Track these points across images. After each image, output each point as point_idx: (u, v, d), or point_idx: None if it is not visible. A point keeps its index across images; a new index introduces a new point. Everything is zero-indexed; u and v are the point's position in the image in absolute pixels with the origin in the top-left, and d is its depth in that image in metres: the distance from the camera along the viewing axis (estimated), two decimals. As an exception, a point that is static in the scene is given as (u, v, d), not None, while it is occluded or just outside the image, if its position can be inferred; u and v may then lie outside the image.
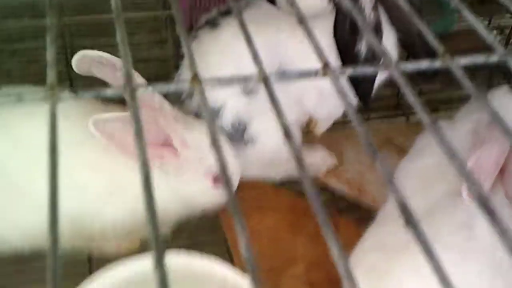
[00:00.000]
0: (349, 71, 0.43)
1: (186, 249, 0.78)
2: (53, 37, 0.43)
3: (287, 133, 0.37)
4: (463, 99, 1.36)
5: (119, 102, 0.86)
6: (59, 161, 0.36)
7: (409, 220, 0.32)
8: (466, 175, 0.36)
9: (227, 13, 1.08)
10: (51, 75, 0.40)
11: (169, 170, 0.90)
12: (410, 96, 0.40)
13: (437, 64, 0.43)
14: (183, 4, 1.28)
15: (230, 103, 1.04)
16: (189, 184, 0.92)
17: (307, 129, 1.25)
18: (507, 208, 0.88)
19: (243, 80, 0.42)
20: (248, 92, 1.04)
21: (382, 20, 1.01)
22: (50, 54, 0.42)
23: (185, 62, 1.08)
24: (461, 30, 1.58)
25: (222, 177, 0.34)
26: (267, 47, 1.01)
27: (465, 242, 0.82)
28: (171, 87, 0.41)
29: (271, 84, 0.41)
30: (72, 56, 0.87)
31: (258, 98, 1.04)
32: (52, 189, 0.34)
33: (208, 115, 0.39)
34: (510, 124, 0.39)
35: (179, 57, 1.15)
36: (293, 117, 1.10)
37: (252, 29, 1.04)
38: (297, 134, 1.15)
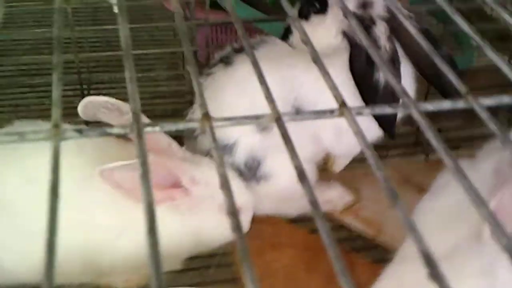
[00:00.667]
0: (367, 111, 0.41)
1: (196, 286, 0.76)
2: (59, 75, 0.42)
3: (300, 174, 0.35)
4: (485, 137, 1.33)
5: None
6: (59, 202, 0.34)
7: (434, 272, 0.29)
8: (489, 217, 0.34)
9: (241, 50, 1.07)
10: (55, 113, 0.39)
11: (183, 208, 0.89)
12: (430, 136, 0.38)
13: (460, 104, 0.41)
14: (199, 40, 1.29)
15: (244, 140, 1.03)
16: (203, 219, 0.91)
17: (325, 166, 1.23)
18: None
19: (254, 120, 0.40)
20: (262, 129, 1.02)
21: (398, 51, 1.00)
22: (55, 93, 0.40)
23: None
24: (480, 66, 1.56)
25: (231, 216, 0.32)
26: (282, 84, 1.00)
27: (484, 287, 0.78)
28: (180, 126, 0.39)
29: (284, 123, 0.39)
30: (89, 92, 0.87)
31: (272, 134, 1.02)
32: (50, 234, 0.32)
33: (218, 155, 0.38)
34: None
35: (192, 92, 1.15)
36: (308, 154, 1.08)
37: (265, 66, 1.02)
38: (312, 172, 1.12)
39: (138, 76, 1.19)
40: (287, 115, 0.39)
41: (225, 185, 0.36)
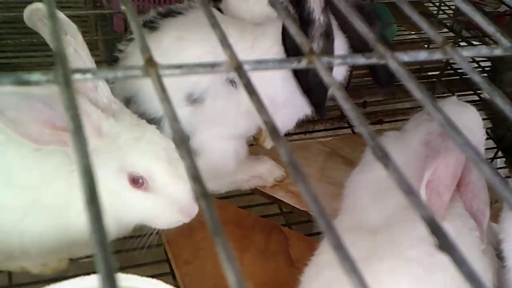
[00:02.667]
0: (337, 61, 0.35)
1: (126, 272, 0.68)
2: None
3: (273, 130, 0.29)
4: (407, 111, 1.35)
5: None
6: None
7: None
8: (414, 200, 0.29)
9: (167, 15, 0.98)
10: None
11: (69, 152, 0.76)
12: (348, 109, 0.33)
13: (437, 55, 0.37)
14: (116, 6, 1.17)
15: None
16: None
17: (256, 142, 1.18)
18: (466, 219, 0.84)
19: (209, 68, 0.33)
20: (192, 101, 0.94)
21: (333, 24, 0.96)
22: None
23: (129, 50, 0.96)
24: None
25: (195, 182, 0.25)
26: (213, 53, 0.92)
27: (428, 257, 0.77)
28: (118, 73, 0.32)
29: (246, 72, 0.33)
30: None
31: (203, 108, 0.95)
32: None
33: (168, 109, 0.31)
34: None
35: (110, 58, 1.03)
36: (242, 130, 1.02)
37: (196, 35, 0.95)
38: (243, 147, 1.07)
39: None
40: (248, 63, 0.33)
41: (180, 141, 0.29)
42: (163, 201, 0.78)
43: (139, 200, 0.77)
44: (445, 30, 1.52)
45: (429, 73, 1.51)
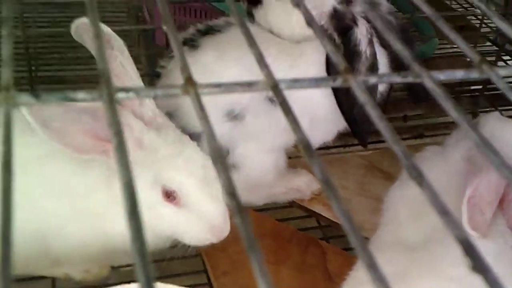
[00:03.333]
0: (373, 79, 0.36)
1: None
2: (10, 30, 0.35)
3: (306, 147, 0.29)
4: (448, 126, 1.33)
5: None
6: (13, 179, 0.27)
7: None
8: (449, 220, 0.29)
9: (206, 32, 1.00)
10: (6, 73, 0.32)
11: (110, 163, 0.78)
12: (384, 129, 0.33)
13: (474, 74, 0.37)
14: (158, 17, 1.20)
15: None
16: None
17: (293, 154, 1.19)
18: (509, 237, 0.82)
19: (246, 87, 0.34)
20: (233, 118, 0.96)
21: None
22: (6, 50, 0.33)
23: (171, 67, 0.99)
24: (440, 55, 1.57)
25: (231, 198, 0.26)
26: (252, 72, 0.93)
27: (467, 276, 0.75)
28: (158, 91, 0.33)
29: (281, 91, 0.34)
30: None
31: (244, 124, 0.96)
32: (4, 220, 0.26)
33: (205, 124, 0.32)
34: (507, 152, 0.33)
35: (152, 74, 1.06)
36: (281, 143, 1.03)
37: (234, 52, 0.95)
38: (282, 160, 1.08)
39: (88, 55, 1.09)
40: (284, 82, 0.34)
41: (218, 160, 0.30)
42: (194, 218, 0.79)
43: (170, 214, 0.79)
44: (488, 43, 1.49)
45: (472, 87, 1.48)
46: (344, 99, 0.93)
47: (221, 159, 0.29)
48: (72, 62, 1.29)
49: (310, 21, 0.38)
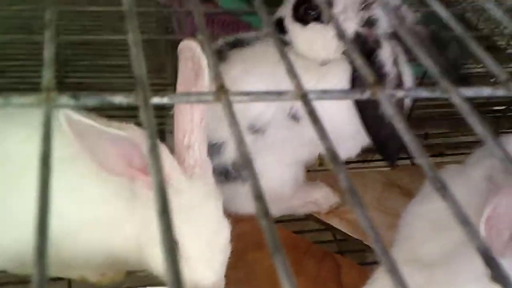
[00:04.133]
0: (401, 93, 0.36)
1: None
2: (52, 34, 0.36)
3: (333, 156, 0.30)
4: (470, 145, 1.32)
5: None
6: (51, 175, 0.28)
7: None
8: (470, 230, 0.29)
9: (235, 45, 1.00)
10: (47, 75, 0.33)
11: (139, 197, 0.79)
12: (410, 142, 0.34)
13: (500, 92, 0.37)
14: (187, 28, 1.22)
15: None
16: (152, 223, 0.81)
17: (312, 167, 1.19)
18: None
19: (276, 96, 0.35)
20: (255, 131, 0.97)
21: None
22: (48, 52, 0.35)
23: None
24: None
25: (257, 201, 0.27)
26: (279, 87, 0.93)
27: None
28: (192, 98, 0.34)
29: (310, 101, 0.35)
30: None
31: (265, 138, 0.97)
32: (41, 214, 0.27)
33: (235, 132, 0.33)
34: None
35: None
36: (304, 157, 1.04)
37: (264, 67, 0.96)
38: (300, 173, 1.08)
39: (116, 63, 1.11)
40: (313, 92, 0.35)
41: (245, 163, 0.31)
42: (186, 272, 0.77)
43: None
44: (513, 64, 1.48)
45: (494, 108, 1.47)
46: (371, 121, 0.93)
47: (249, 164, 0.30)
48: (100, 70, 1.32)
49: (341, 36, 0.39)
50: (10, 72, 1.37)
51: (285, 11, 0.98)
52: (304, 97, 0.34)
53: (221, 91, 0.34)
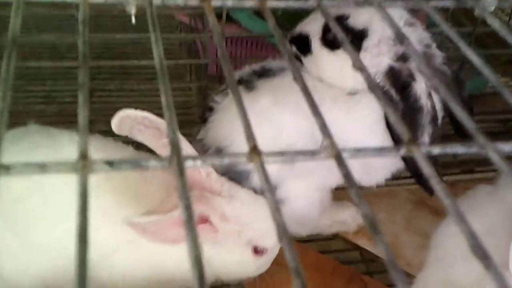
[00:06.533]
0: (437, 150, 0.36)
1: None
2: (86, 97, 0.36)
3: (372, 224, 0.30)
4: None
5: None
6: (89, 252, 0.29)
7: None
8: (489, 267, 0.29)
9: (262, 74, 1.00)
10: (82, 143, 0.33)
11: (206, 243, 0.84)
12: (432, 179, 0.33)
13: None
14: (211, 52, 1.23)
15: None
16: (226, 254, 0.86)
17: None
18: None
19: (310, 156, 0.35)
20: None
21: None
22: (81, 118, 0.35)
23: (225, 103, 0.99)
24: (492, 91, 1.53)
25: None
26: (307, 120, 0.93)
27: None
28: (225, 160, 0.34)
29: (344, 160, 0.34)
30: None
31: (292, 166, 0.97)
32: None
33: (271, 196, 0.32)
34: None
35: (204, 106, 1.07)
36: (329, 183, 1.04)
37: (294, 98, 0.96)
38: (328, 197, 1.08)
39: (142, 87, 1.12)
40: (347, 151, 0.34)
41: (280, 234, 0.30)
42: (268, 260, 0.90)
43: (256, 263, 0.88)
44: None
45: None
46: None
47: (285, 233, 0.30)
48: (126, 95, 1.33)
49: (372, 87, 0.38)
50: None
51: (311, 29, 0.96)
52: (338, 157, 0.34)
53: (254, 153, 0.34)
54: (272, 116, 0.93)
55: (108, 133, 1.19)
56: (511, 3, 0.46)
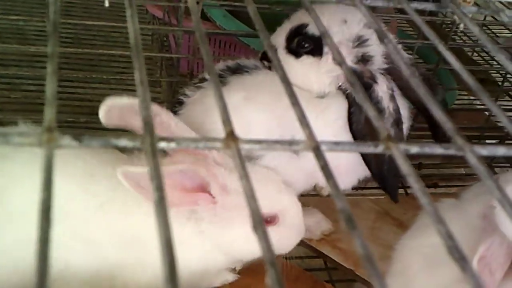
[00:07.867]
0: (415, 149, 0.35)
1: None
2: (55, 68, 0.35)
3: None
4: (464, 177, 1.32)
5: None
6: (51, 229, 0.27)
7: None
8: (466, 269, 0.29)
9: (236, 71, 0.98)
10: (49, 114, 0.32)
11: (203, 217, 0.81)
12: (409, 176, 0.33)
13: (514, 149, 0.36)
14: (184, 50, 1.21)
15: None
16: (232, 231, 0.82)
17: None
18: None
19: (287, 145, 0.34)
20: (250, 159, 0.95)
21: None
22: (49, 88, 0.33)
23: (195, 97, 0.97)
24: (459, 106, 1.57)
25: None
26: (279, 121, 0.92)
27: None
28: (200, 144, 0.33)
29: (322, 153, 0.33)
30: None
31: (260, 164, 0.95)
32: (41, 267, 0.25)
33: (245, 178, 0.31)
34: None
35: (173, 102, 1.05)
36: (301, 187, 1.02)
37: (267, 98, 0.95)
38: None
39: (109, 78, 1.10)
40: (325, 143, 0.34)
41: (255, 221, 0.29)
42: (288, 231, 0.88)
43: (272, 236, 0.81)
44: (508, 98, 1.48)
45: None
46: (372, 157, 0.92)
47: (260, 222, 0.29)
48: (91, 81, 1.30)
49: (352, 82, 0.38)
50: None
51: (276, 41, 0.96)
52: (316, 149, 0.33)
53: (230, 139, 0.33)
54: (241, 113, 0.92)
55: (73, 123, 1.16)
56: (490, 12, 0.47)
